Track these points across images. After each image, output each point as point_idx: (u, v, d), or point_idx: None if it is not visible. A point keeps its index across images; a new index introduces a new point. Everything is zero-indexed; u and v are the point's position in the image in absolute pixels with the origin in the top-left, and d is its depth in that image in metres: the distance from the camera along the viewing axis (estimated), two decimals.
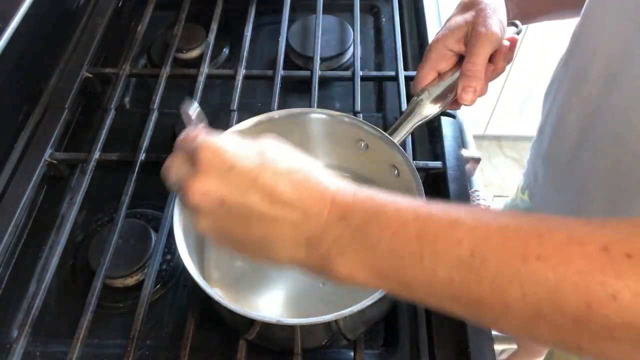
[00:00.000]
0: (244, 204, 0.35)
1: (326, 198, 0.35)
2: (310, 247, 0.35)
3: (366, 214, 0.34)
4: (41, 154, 0.66)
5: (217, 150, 0.37)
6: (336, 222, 0.34)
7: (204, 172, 0.36)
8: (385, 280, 0.34)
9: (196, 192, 0.36)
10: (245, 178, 0.36)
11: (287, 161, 0.37)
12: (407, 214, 0.33)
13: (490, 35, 0.55)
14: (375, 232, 0.33)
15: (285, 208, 0.35)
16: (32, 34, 0.70)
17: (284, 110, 0.59)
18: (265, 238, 0.36)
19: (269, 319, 0.45)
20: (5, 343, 0.55)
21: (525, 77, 1.67)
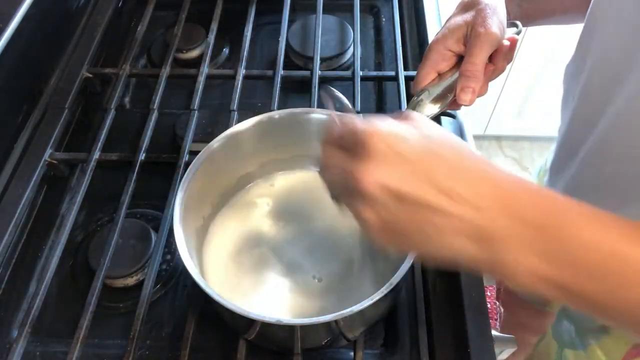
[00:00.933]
0: (419, 195, 0.34)
1: (504, 195, 0.34)
2: (483, 243, 0.34)
3: (554, 219, 0.33)
4: (41, 154, 0.66)
5: (389, 136, 0.35)
6: (523, 227, 0.33)
7: (377, 160, 0.34)
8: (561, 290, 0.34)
9: (371, 180, 0.34)
10: (419, 169, 0.34)
11: (457, 152, 0.36)
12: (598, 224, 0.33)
13: (489, 36, 0.55)
14: (564, 242, 0.33)
15: (462, 201, 0.34)
16: (32, 34, 0.70)
17: (284, 110, 0.59)
18: (436, 231, 0.35)
19: (268, 319, 0.45)
20: (5, 343, 0.55)
21: (525, 77, 1.67)
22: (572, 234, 0.33)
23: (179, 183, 0.54)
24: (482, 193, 0.34)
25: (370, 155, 0.35)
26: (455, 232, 0.34)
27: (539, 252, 0.33)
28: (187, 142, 0.66)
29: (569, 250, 0.32)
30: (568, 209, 0.34)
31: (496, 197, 0.34)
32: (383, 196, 0.34)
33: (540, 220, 0.33)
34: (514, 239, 0.33)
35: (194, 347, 0.52)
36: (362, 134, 0.35)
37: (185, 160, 0.65)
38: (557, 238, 0.33)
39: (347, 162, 0.36)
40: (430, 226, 0.34)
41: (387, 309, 0.55)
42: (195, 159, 0.54)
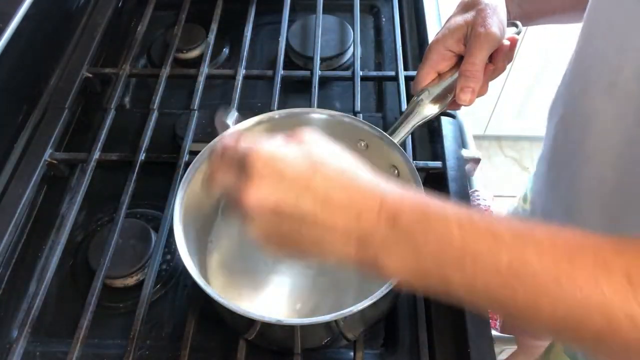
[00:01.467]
0: (298, 209, 0.37)
1: (375, 200, 0.36)
2: (360, 247, 0.37)
3: (413, 217, 0.36)
4: (41, 154, 0.66)
5: (267, 156, 0.37)
6: (385, 223, 0.36)
7: (258, 179, 0.37)
8: (426, 280, 0.37)
9: (251, 199, 0.37)
10: (298, 183, 0.37)
11: (335, 163, 0.38)
12: (452, 221, 0.35)
13: (489, 36, 0.55)
14: (420, 236, 0.35)
15: (337, 211, 0.36)
16: (32, 34, 0.70)
17: (284, 110, 0.59)
18: (318, 240, 0.37)
19: (269, 319, 0.45)
20: (5, 343, 0.55)
21: (525, 77, 1.67)
22: (427, 231, 0.35)
23: (179, 183, 0.54)
24: (357, 202, 0.37)
25: (250, 175, 0.37)
26: (333, 238, 0.37)
27: (404, 251, 0.36)
28: (187, 142, 0.67)
29: (431, 247, 0.35)
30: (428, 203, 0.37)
31: (369, 204, 0.36)
32: (263, 213, 0.37)
33: (404, 223, 0.36)
34: (380, 237, 0.36)
35: (194, 347, 0.52)
36: (244, 154, 0.38)
37: (185, 160, 0.65)
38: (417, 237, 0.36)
39: (230, 181, 0.39)
40: (309, 235, 0.37)
41: (387, 309, 0.55)
42: (195, 159, 0.54)
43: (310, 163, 0.38)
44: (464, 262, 0.34)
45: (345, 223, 0.36)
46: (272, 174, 0.37)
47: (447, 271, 0.35)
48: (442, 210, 0.36)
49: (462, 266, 0.34)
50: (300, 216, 0.37)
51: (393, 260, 0.36)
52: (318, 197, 0.36)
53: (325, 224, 0.37)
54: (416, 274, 0.37)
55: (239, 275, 0.56)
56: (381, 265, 0.37)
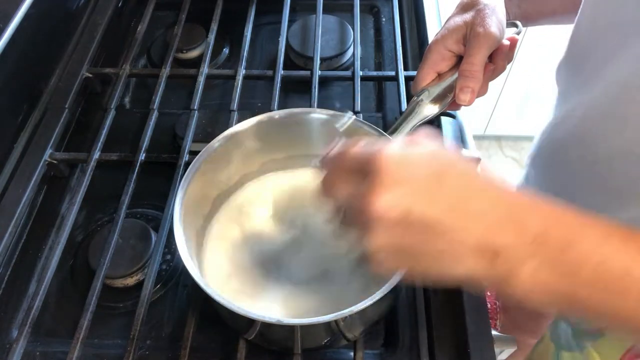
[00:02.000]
0: (428, 217, 0.34)
1: (518, 211, 0.34)
2: (495, 261, 0.34)
3: (563, 238, 0.34)
4: (41, 154, 0.66)
5: (397, 160, 0.35)
6: (529, 241, 0.33)
7: (387, 184, 0.34)
8: (570, 306, 0.35)
9: (380, 206, 0.34)
10: (430, 193, 0.34)
11: (465, 174, 0.36)
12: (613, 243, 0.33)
13: (488, 36, 0.55)
14: (574, 260, 0.33)
15: (472, 220, 0.34)
16: (32, 34, 0.70)
17: (284, 110, 0.59)
18: (445, 252, 0.35)
19: (269, 319, 0.45)
20: (5, 343, 0.55)
21: (525, 77, 1.67)
22: (575, 247, 0.33)
23: (179, 183, 0.54)
24: (489, 210, 0.34)
25: (381, 179, 0.34)
26: (464, 248, 0.34)
27: (543, 265, 0.33)
28: (187, 142, 0.67)
29: (571, 262, 0.33)
30: (571, 222, 0.34)
31: (503, 213, 0.34)
32: (396, 218, 0.34)
33: (545, 236, 0.33)
34: (520, 254, 0.34)
35: (194, 347, 0.52)
36: (372, 159, 0.35)
37: (185, 160, 0.65)
38: (561, 251, 0.33)
39: (356, 187, 0.36)
40: (440, 245, 0.34)
41: (387, 309, 0.55)
42: (195, 159, 0.54)
43: (439, 171, 0.35)
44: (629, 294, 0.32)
45: (481, 234, 0.34)
46: (402, 179, 0.34)
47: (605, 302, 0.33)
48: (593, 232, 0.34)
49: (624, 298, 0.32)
50: (429, 226, 0.34)
51: (526, 277, 0.34)
52: (449, 206, 0.34)
53: (456, 234, 0.34)
54: (558, 299, 0.34)
55: (239, 275, 0.56)
56: (513, 283, 0.34)
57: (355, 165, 0.37)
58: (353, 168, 0.37)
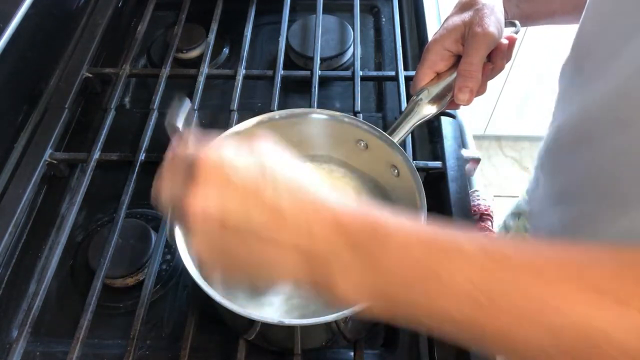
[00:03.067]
0: (245, 221, 0.34)
1: (328, 214, 0.34)
2: (312, 265, 0.34)
3: (369, 234, 0.33)
4: (41, 154, 0.66)
5: (215, 161, 0.35)
6: (338, 240, 0.33)
7: (203, 189, 0.34)
8: (387, 304, 0.34)
9: (195, 210, 0.34)
10: (247, 193, 0.34)
11: (287, 175, 0.36)
12: (411, 237, 0.32)
13: (486, 35, 0.55)
14: (377, 252, 0.33)
15: (288, 225, 0.34)
16: (32, 34, 0.70)
17: (284, 110, 0.59)
18: (267, 257, 0.35)
19: (270, 319, 0.45)
20: (5, 343, 0.55)
21: (525, 77, 1.68)
22: (382, 248, 0.32)
23: None
24: (306, 211, 0.34)
25: (197, 179, 0.34)
26: (280, 247, 0.34)
27: (356, 267, 0.33)
28: None
29: (382, 263, 0.32)
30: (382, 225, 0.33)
31: (319, 215, 0.34)
32: (208, 223, 0.34)
33: (356, 238, 0.33)
34: (334, 255, 0.33)
35: (194, 347, 0.52)
36: (193, 158, 0.35)
37: None
38: (371, 253, 0.33)
39: (177, 185, 0.36)
40: (258, 251, 0.34)
41: None
42: None
43: (261, 172, 0.35)
44: (426, 281, 0.31)
45: (296, 238, 0.33)
46: (219, 180, 0.34)
47: (408, 293, 0.32)
48: (401, 224, 0.33)
49: (424, 286, 0.31)
50: (247, 227, 0.34)
51: (347, 280, 0.33)
52: (267, 208, 0.34)
53: (274, 239, 0.34)
54: (375, 297, 0.33)
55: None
56: (335, 287, 0.33)
57: (181, 167, 0.36)
58: (180, 169, 0.36)
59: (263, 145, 0.37)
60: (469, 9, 0.58)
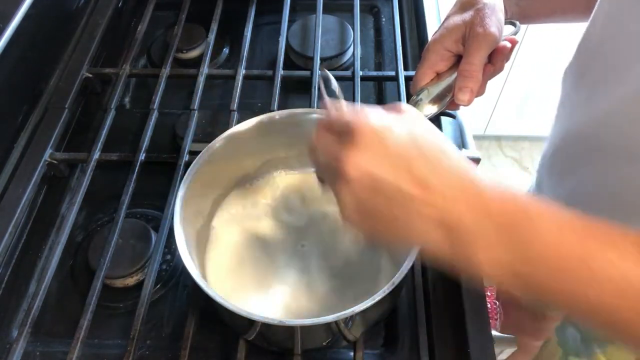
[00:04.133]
0: (395, 186, 0.36)
1: (476, 188, 0.36)
2: (452, 235, 0.36)
3: (518, 216, 0.35)
4: (41, 154, 0.66)
5: (375, 128, 0.37)
6: (483, 215, 0.35)
7: (362, 148, 0.37)
8: (523, 283, 0.35)
9: (351, 164, 0.37)
10: (399, 160, 0.36)
11: (437, 149, 0.37)
12: (564, 224, 0.34)
13: (488, 36, 0.55)
14: (529, 237, 0.34)
15: (435, 197, 0.36)
16: (32, 34, 0.70)
17: (285, 110, 0.59)
18: (406, 217, 0.37)
19: (270, 319, 0.45)
20: (5, 343, 0.55)
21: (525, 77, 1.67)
22: (533, 232, 0.34)
23: (179, 183, 0.54)
24: (454, 187, 0.36)
25: (356, 143, 0.37)
26: (424, 219, 0.36)
27: (500, 246, 0.35)
28: (187, 142, 0.66)
29: (529, 247, 0.34)
30: (532, 209, 0.35)
31: (466, 192, 0.36)
32: (362, 179, 0.37)
33: (504, 218, 0.35)
34: (479, 232, 0.35)
35: (194, 347, 0.52)
36: (352, 123, 0.38)
37: (185, 160, 0.65)
38: (519, 235, 0.34)
39: (334, 146, 0.38)
40: (401, 211, 0.36)
41: (388, 309, 0.55)
42: (196, 159, 0.54)
43: (414, 143, 0.37)
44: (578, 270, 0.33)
45: (442, 210, 0.35)
46: (378, 146, 0.37)
47: (555, 279, 0.34)
48: (551, 212, 0.35)
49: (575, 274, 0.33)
50: (396, 193, 0.36)
51: (486, 254, 0.35)
52: (416, 180, 0.36)
53: (420, 210, 0.36)
54: (511, 274, 0.35)
55: (239, 275, 0.56)
56: (473, 259, 0.35)
57: (338, 128, 0.39)
58: (336, 130, 0.39)
59: (413, 118, 0.39)
60: (469, 8, 0.58)
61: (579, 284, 0.33)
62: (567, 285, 0.34)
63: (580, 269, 0.33)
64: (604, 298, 0.33)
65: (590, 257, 0.33)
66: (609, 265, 0.32)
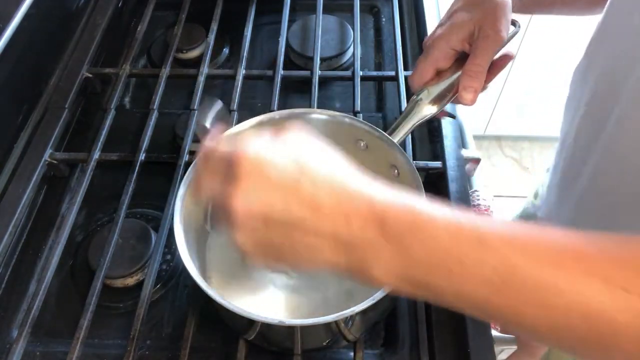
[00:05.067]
0: (286, 214, 0.35)
1: (364, 204, 0.35)
2: (348, 253, 0.36)
3: (401, 222, 0.35)
4: (41, 154, 0.66)
5: (253, 158, 0.36)
6: (372, 228, 0.35)
7: (245, 183, 0.36)
8: (414, 287, 0.36)
9: (238, 204, 0.36)
10: (287, 189, 0.36)
11: (324, 165, 0.37)
12: (440, 226, 0.34)
13: (498, 39, 0.54)
14: (408, 242, 0.34)
15: (326, 216, 0.35)
16: (32, 34, 0.70)
17: (285, 110, 0.59)
18: (307, 247, 0.36)
19: (270, 319, 0.45)
20: (5, 343, 0.55)
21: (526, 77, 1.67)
22: (417, 239, 0.34)
23: (179, 183, 0.54)
24: (344, 203, 0.35)
25: (238, 178, 0.36)
26: (319, 239, 0.36)
27: (392, 255, 0.35)
28: (187, 142, 0.66)
29: (416, 251, 0.34)
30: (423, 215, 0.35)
31: (359, 207, 0.35)
32: (252, 221, 0.36)
33: (395, 228, 0.35)
34: (372, 246, 0.35)
35: (194, 347, 0.52)
36: (231, 157, 0.37)
37: (185, 160, 0.65)
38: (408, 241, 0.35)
39: (217, 186, 0.37)
40: (299, 243, 0.36)
41: (388, 309, 0.55)
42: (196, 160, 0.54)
43: (297, 165, 0.36)
44: (451, 269, 0.34)
45: (334, 228, 0.35)
46: (259, 177, 0.36)
47: (434, 278, 0.34)
48: (430, 214, 0.35)
49: (449, 274, 0.34)
50: (288, 222, 0.36)
51: (380, 266, 0.35)
52: (306, 201, 0.35)
53: (314, 230, 0.35)
54: (405, 281, 0.36)
55: (239, 275, 0.56)
56: (369, 272, 0.36)
57: (220, 164, 0.38)
58: (218, 167, 0.38)
59: (296, 138, 0.39)
60: (479, 5, 0.56)
61: (456, 281, 0.34)
62: (447, 284, 0.34)
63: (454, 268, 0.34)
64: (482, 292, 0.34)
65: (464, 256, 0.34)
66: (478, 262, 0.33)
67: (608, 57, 0.53)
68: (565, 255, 0.33)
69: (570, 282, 0.32)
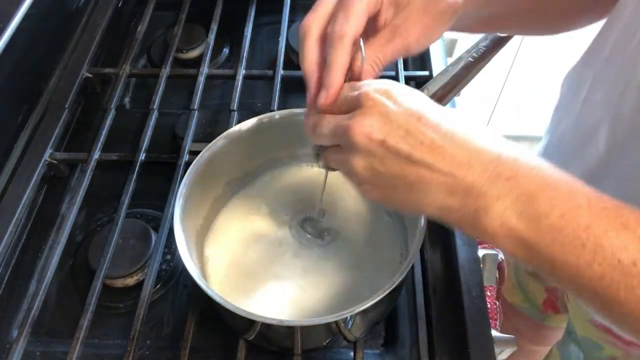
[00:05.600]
0: (408, 149, 0.35)
1: (492, 154, 0.35)
2: (466, 197, 0.35)
3: (536, 183, 0.34)
4: (41, 154, 0.66)
5: (385, 93, 0.37)
6: (503, 180, 0.34)
7: (372, 114, 0.36)
8: (531, 252, 0.35)
9: (359, 131, 0.36)
10: (410, 121, 0.36)
11: (445, 114, 0.37)
12: (581, 199, 0.33)
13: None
14: (543, 205, 0.33)
15: (447, 155, 0.35)
16: (32, 34, 0.70)
17: (285, 110, 0.59)
18: (422, 184, 0.36)
19: (270, 319, 0.45)
20: (5, 343, 0.55)
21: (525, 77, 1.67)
22: (549, 204, 0.33)
23: (179, 183, 0.54)
24: (471, 152, 0.35)
25: (365, 110, 0.37)
26: (438, 185, 0.35)
27: (514, 214, 0.34)
28: (187, 142, 0.67)
29: (542, 219, 0.33)
30: (551, 180, 0.35)
31: (482, 157, 0.35)
32: (374, 147, 0.36)
33: (521, 187, 0.34)
34: (493, 197, 0.34)
35: (194, 347, 0.52)
36: (359, 93, 0.38)
37: (185, 160, 0.65)
38: (534, 205, 0.34)
39: (340, 118, 0.38)
40: (415, 178, 0.36)
41: (388, 309, 0.55)
42: (196, 159, 0.54)
43: (427, 109, 0.36)
44: (585, 245, 0.32)
45: (454, 168, 0.35)
46: (391, 111, 0.36)
47: (561, 251, 0.33)
48: (569, 185, 0.34)
49: (581, 249, 0.32)
50: (408, 153, 0.35)
51: (495, 217, 0.34)
52: (425, 140, 0.35)
53: (432, 164, 0.35)
54: (521, 244, 0.34)
55: (239, 275, 0.56)
56: (482, 221, 0.35)
57: (346, 100, 0.39)
58: (344, 103, 0.39)
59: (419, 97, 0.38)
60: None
61: (584, 260, 0.32)
62: (572, 260, 0.33)
63: (589, 246, 0.32)
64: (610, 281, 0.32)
65: (601, 235, 0.32)
66: (619, 246, 0.32)
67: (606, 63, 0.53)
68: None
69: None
